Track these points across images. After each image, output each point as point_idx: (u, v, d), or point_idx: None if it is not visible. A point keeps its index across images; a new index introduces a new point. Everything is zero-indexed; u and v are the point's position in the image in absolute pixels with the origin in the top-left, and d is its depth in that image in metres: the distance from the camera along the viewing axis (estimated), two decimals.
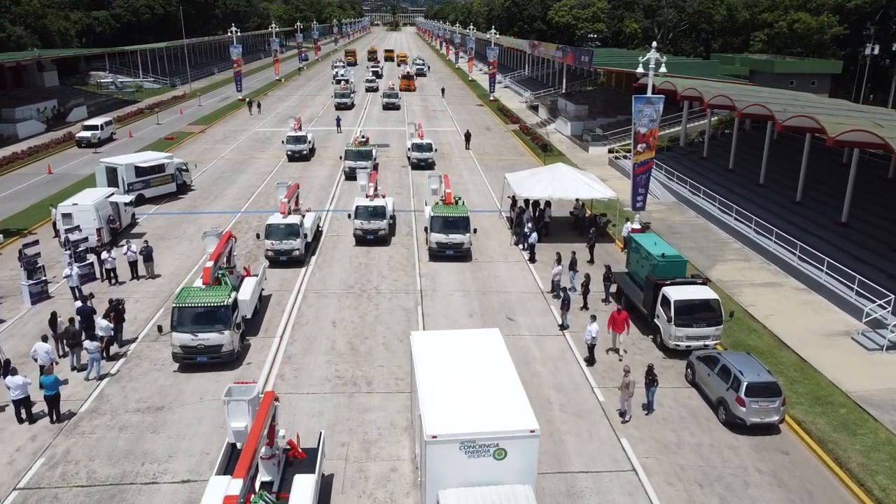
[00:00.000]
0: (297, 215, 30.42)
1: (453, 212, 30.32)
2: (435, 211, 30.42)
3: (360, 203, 32.29)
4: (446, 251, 29.97)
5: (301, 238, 29.38)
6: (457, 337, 18.34)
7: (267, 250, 29.49)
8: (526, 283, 28.58)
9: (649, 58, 32.47)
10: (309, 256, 30.86)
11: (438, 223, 30.09)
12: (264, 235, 29.53)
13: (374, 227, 31.91)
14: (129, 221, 34.95)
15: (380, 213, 32.07)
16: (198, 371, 21.09)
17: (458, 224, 30.10)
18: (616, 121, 59.59)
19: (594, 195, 32.98)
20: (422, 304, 26.31)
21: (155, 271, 28.68)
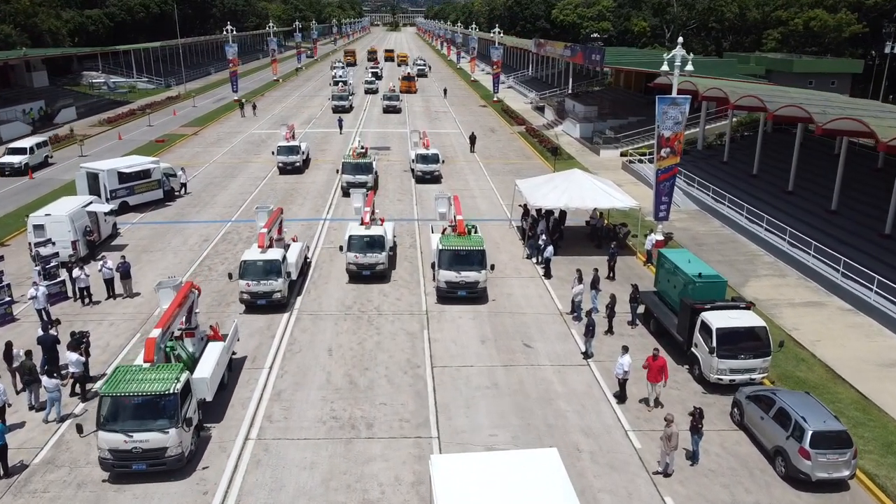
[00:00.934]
0: (278, 248, 25.51)
1: (466, 244, 25.41)
2: (444, 243, 25.44)
3: (354, 232, 27.05)
4: (458, 292, 25.11)
5: (283, 278, 24.34)
6: (497, 463, 12.97)
7: (242, 293, 24.22)
8: (542, 302, 25.94)
9: (675, 55, 29.80)
10: (294, 297, 25.83)
11: (448, 258, 25.07)
12: (238, 274, 24.33)
13: (371, 262, 26.85)
14: (110, 232, 32.31)
15: (377, 244, 26.96)
16: None
17: (473, 259, 25.11)
18: (627, 122, 57.03)
19: (614, 204, 30.34)
20: (428, 327, 23.66)
21: (133, 289, 26.02)
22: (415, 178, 43.57)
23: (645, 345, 22.59)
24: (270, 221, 25.98)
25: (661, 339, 22.86)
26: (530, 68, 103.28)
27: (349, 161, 40.00)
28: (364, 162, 39.96)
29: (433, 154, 43.60)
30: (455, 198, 29.05)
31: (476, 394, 19.51)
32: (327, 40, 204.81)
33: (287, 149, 45.13)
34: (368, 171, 39.76)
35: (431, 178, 42.97)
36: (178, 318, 18.65)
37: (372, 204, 29.14)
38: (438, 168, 43.26)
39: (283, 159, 44.93)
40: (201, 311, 22.50)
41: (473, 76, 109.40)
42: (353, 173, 39.46)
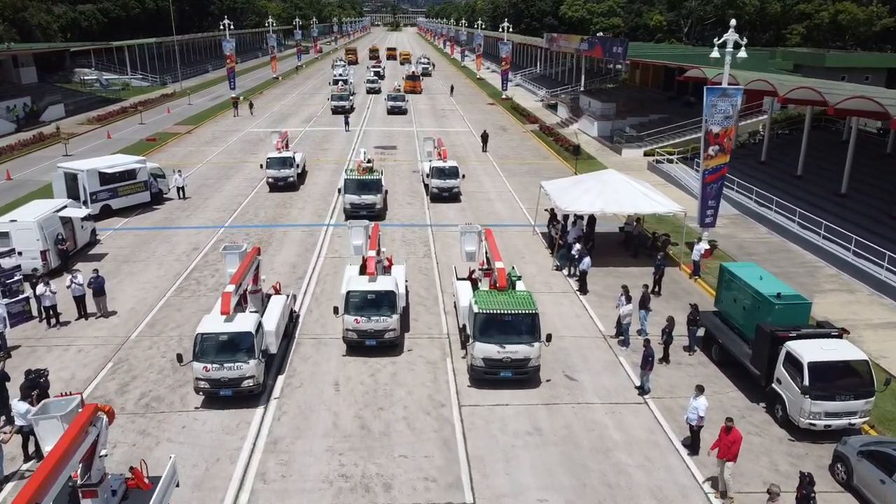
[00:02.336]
0: (250, 313, 18.60)
1: (511, 304, 18.23)
2: (480, 303, 18.25)
3: (355, 287, 19.80)
4: (500, 372, 17.93)
5: (257, 359, 17.07)
6: None
7: (198, 379, 16.91)
8: (580, 323, 22.45)
9: (727, 39, 26.34)
10: (273, 378, 18.54)
11: (486, 325, 17.88)
12: (193, 353, 16.86)
13: (378, 328, 19.41)
14: (88, 240, 28.84)
15: (386, 303, 19.60)
16: None
17: (521, 326, 18.00)
18: (648, 120, 53.58)
19: (656, 209, 26.87)
20: (451, 355, 20.17)
21: (108, 308, 22.53)
22: (429, 195, 36.13)
23: (708, 376, 19.16)
24: (241, 270, 18.71)
25: (725, 368, 19.43)
26: (538, 65, 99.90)
27: (352, 178, 32.50)
28: (372, 179, 32.62)
29: (451, 167, 36.10)
30: (488, 233, 22.11)
31: (516, 442, 16.03)
32: (328, 39, 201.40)
33: (278, 161, 37.67)
34: (377, 191, 32.46)
35: (450, 195, 35.71)
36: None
37: (378, 241, 22.01)
38: (458, 184, 35.83)
39: (274, 174, 37.34)
40: None
41: (479, 74, 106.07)
42: (357, 193, 32.24)
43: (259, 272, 20.54)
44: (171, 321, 21.92)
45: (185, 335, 20.87)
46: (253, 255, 19.85)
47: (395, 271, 22.24)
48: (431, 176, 36.16)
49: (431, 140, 40.11)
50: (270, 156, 38.13)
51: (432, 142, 39.83)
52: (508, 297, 18.72)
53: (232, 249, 20.76)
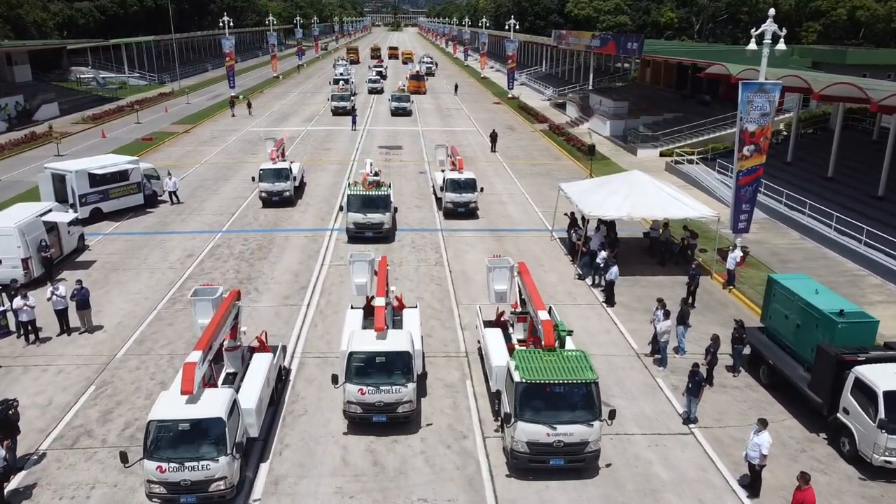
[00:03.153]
0: (222, 388, 14.44)
1: (564, 371, 14.07)
2: (524, 370, 14.02)
3: (360, 346, 15.51)
4: (549, 460, 14.04)
5: (229, 454, 12.76)
6: None
7: (150, 482, 12.71)
8: (610, 339, 20.50)
9: (764, 29, 24.42)
10: (254, 471, 14.29)
11: (532, 397, 13.92)
12: (144, 447, 12.76)
13: (388, 400, 15.08)
14: (76, 246, 26.88)
15: (399, 368, 15.32)
16: None
17: (578, 401, 14.02)
18: (663, 119, 51.66)
19: (687, 213, 24.90)
20: (471, 376, 18.22)
21: (93, 322, 20.58)
22: (442, 210, 32.19)
23: (758, 401, 17.23)
24: (213, 328, 14.46)
25: (776, 392, 17.48)
26: (544, 64, 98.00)
27: (358, 193, 28.06)
28: (379, 195, 28.16)
29: (468, 179, 31.85)
30: (523, 269, 18.34)
31: (550, 482, 14.07)
32: (328, 39, 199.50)
33: (273, 173, 32.98)
34: (385, 208, 28.07)
35: (466, 210, 31.60)
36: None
37: (386, 282, 17.98)
38: (475, 198, 31.79)
39: (268, 187, 32.73)
40: None
41: (483, 73, 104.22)
42: (362, 210, 27.89)
43: (239, 322, 16.56)
44: (162, 337, 19.98)
45: (177, 353, 18.94)
46: (230, 302, 15.80)
47: (407, 319, 18.03)
48: (445, 188, 31.78)
49: (444, 147, 36.13)
50: (264, 167, 33.47)
51: (445, 149, 35.74)
52: (558, 360, 14.40)
53: (203, 295, 16.61)
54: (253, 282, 24.18)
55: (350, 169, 41.83)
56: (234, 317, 16.10)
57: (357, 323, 17.54)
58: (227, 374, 15.98)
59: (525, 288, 17.46)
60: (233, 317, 15.98)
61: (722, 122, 45.69)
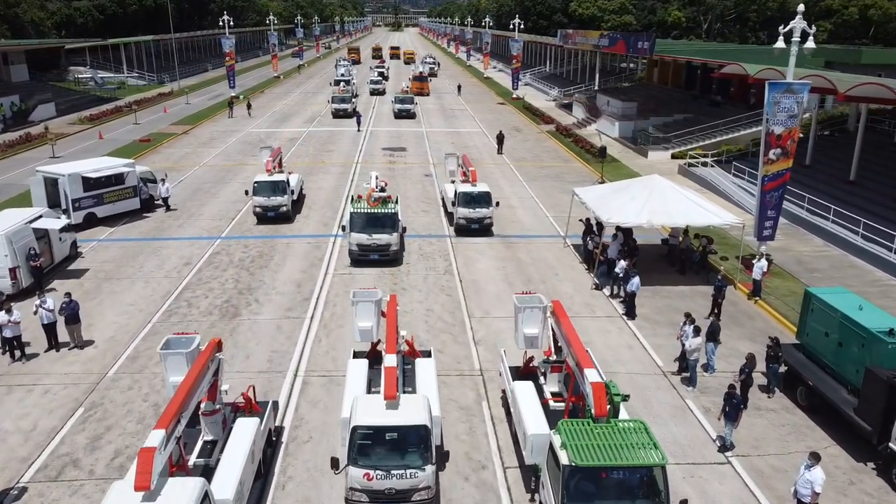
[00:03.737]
0: (188, 479, 11.03)
1: (624, 451, 11.27)
2: (574, 450, 11.25)
3: (367, 420, 12.66)
4: None
5: None
6: None
7: None
8: (633, 355, 19.26)
9: (794, 26, 23.20)
10: None
11: (586, 485, 11.38)
12: None
13: (402, 487, 12.32)
14: (68, 253, 25.67)
15: (414, 446, 12.60)
16: None
17: (640, 488, 11.44)
18: (673, 120, 50.44)
19: (710, 220, 23.65)
20: (487, 397, 16.98)
21: (83, 337, 19.36)
22: (454, 226, 29.24)
23: (797, 425, 16.03)
24: (184, 393, 11.79)
25: (815, 415, 16.27)
26: (548, 64, 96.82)
27: (362, 212, 25.02)
28: (386, 213, 25.18)
29: (483, 193, 28.85)
30: (558, 309, 15.34)
31: None
32: (329, 39, 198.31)
33: (268, 186, 29.86)
34: (392, 228, 25.08)
35: (480, 227, 28.77)
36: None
37: (396, 329, 15.04)
38: (490, 213, 28.77)
39: (263, 202, 29.68)
40: None
41: (486, 73, 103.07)
42: (367, 231, 24.83)
43: (220, 379, 13.94)
44: (157, 355, 18.65)
45: None
46: (208, 357, 13.06)
47: (421, 373, 14.90)
48: (457, 203, 28.78)
49: (455, 157, 33.30)
50: (258, 179, 30.18)
51: (456, 159, 32.91)
52: (615, 436, 11.44)
53: (177, 347, 13.70)
54: (253, 292, 22.96)
55: (353, 172, 40.61)
56: (213, 373, 13.36)
57: (361, 380, 14.55)
58: (205, 444, 13.32)
59: (563, 335, 14.51)
60: (211, 374, 13.26)
61: (735, 124, 44.50)
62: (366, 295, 16.10)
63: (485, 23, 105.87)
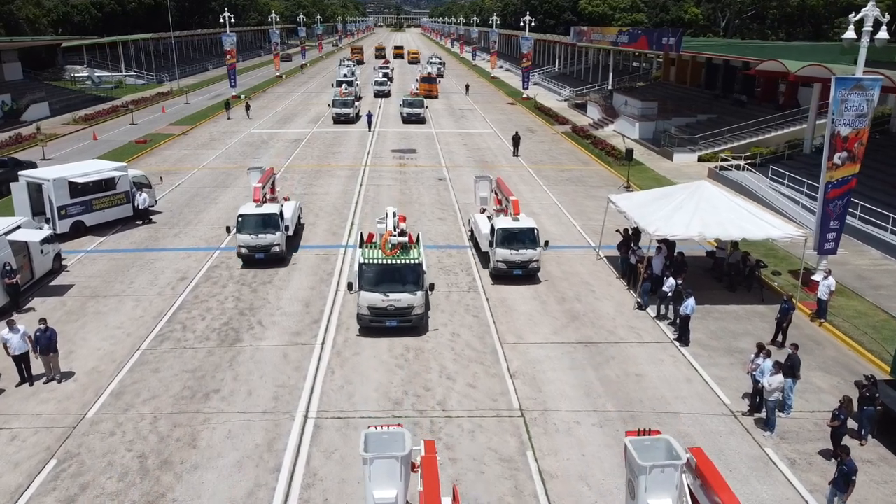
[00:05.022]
0: None
1: None
2: None
3: None
4: None
5: None
6: None
7: None
8: (694, 390, 16.72)
9: (866, 14, 20.71)
10: None
11: None
12: None
13: None
14: (51, 267, 23.18)
15: None
16: None
17: None
18: (696, 121, 47.99)
19: (770, 233, 21.09)
20: (532, 446, 14.44)
21: (60, 368, 16.85)
22: (492, 272, 23.04)
23: None
24: None
25: None
26: (557, 63, 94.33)
27: (376, 263, 19.00)
28: (408, 264, 19.05)
29: (527, 229, 22.73)
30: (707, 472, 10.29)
31: None
32: (331, 39, 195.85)
33: (257, 221, 23.83)
34: (416, 284, 18.87)
35: (525, 273, 22.76)
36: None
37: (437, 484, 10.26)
38: (538, 256, 22.72)
39: (249, 240, 23.73)
40: None
41: (493, 73, 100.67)
42: (383, 289, 18.67)
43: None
44: (145, 389, 16.24)
45: (162, 413, 15.23)
46: None
47: None
48: (495, 242, 22.54)
49: (487, 180, 26.58)
50: (244, 212, 24.04)
51: (489, 183, 26.40)
52: None
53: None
54: (256, 313, 20.46)
55: (362, 176, 38.08)
56: None
57: None
58: None
59: None
60: None
61: (766, 124, 42.00)
62: (384, 442, 10.85)
63: (492, 21, 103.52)
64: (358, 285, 18.73)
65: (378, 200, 32.93)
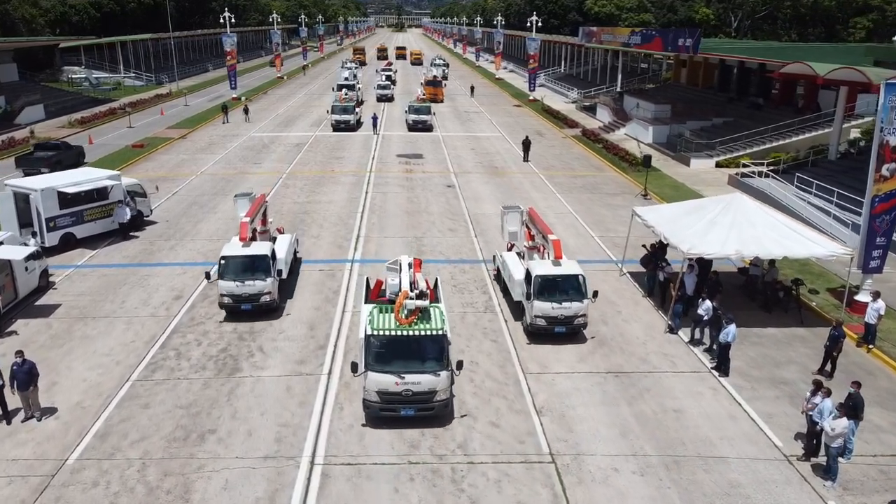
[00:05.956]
0: None
1: None
2: None
3: None
4: None
5: None
6: None
7: None
8: (740, 429, 15.11)
9: None
10: None
11: None
12: None
13: None
14: (37, 285, 21.61)
15: None
16: None
17: None
18: (712, 125, 46.44)
19: (813, 251, 19.48)
20: (567, 498, 12.86)
21: (40, 404, 15.27)
22: (528, 328, 18.90)
23: None
24: None
25: None
26: (562, 65, 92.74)
27: (387, 336, 14.71)
28: (428, 334, 14.79)
29: (573, 276, 18.69)
30: None
31: None
32: (332, 39, 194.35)
33: (244, 264, 19.63)
34: (438, 361, 14.73)
35: (569, 329, 18.65)
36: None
37: None
38: (585, 309, 18.61)
39: (234, 288, 19.39)
40: None
41: (497, 74, 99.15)
42: (396, 366, 14.57)
43: None
44: (133, 429, 14.66)
45: (152, 458, 13.66)
46: None
47: None
48: (533, 292, 18.32)
49: (518, 212, 22.85)
50: (227, 253, 19.81)
51: (519, 215, 22.75)
52: None
53: None
54: (257, 337, 18.89)
55: (367, 182, 36.50)
56: None
57: None
58: None
59: None
60: None
61: (786, 129, 40.42)
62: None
63: (496, 21, 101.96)
64: (364, 363, 14.52)
65: (385, 209, 31.38)
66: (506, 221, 23.00)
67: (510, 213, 22.94)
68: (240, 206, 23.58)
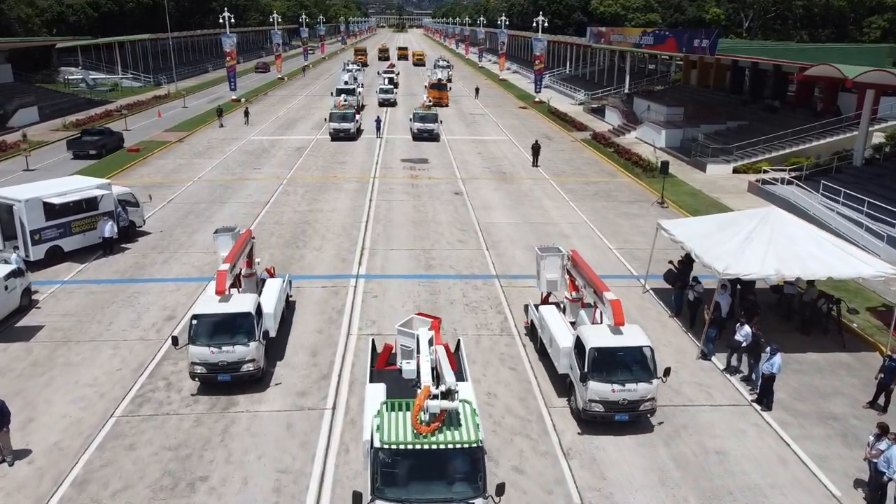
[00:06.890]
0: None
1: None
2: None
3: None
4: None
5: None
6: None
7: None
8: (791, 475, 13.57)
9: None
10: None
11: None
12: None
13: None
14: (18, 305, 20.10)
15: None
16: None
17: None
18: (727, 128, 44.93)
19: (860, 271, 17.90)
20: None
21: (12, 446, 13.72)
22: (583, 411, 14.66)
23: None
24: None
25: None
26: (568, 66, 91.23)
27: (404, 448, 10.67)
28: (459, 448, 10.74)
29: (638, 348, 14.79)
30: None
31: None
32: (334, 39, 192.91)
33: (222, 324, 15.90)
34: (469, 483, 10.76)
35: (633, 416, 14.71)
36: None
37: None
38: (654, 392, 14.64)
39: (209, 356, 15.59)
40: None
41: (501, 75, 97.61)
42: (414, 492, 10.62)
43: None
44: (115, 476, 13.13)
45: None
46: None
47: None
48: (587, 366, 14.45)
49: (558, 256, 18.57)
50: (201, 312, 16.10)
51: (559, 259, 18.52)
52: None
53: None
54: None
55: (371, 189, 34.97)
56: None
57: None
58: None
59: None
60: None
61: (807, 133, 38.87)
62: None
63: (500, 21, 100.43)
64: (371, 488, 10.61)
65: (390, 219, 29.87)
66: (543, 267, 18.49)
67: (549, 257, 18.47)
68: (221, 245, 18.71)
